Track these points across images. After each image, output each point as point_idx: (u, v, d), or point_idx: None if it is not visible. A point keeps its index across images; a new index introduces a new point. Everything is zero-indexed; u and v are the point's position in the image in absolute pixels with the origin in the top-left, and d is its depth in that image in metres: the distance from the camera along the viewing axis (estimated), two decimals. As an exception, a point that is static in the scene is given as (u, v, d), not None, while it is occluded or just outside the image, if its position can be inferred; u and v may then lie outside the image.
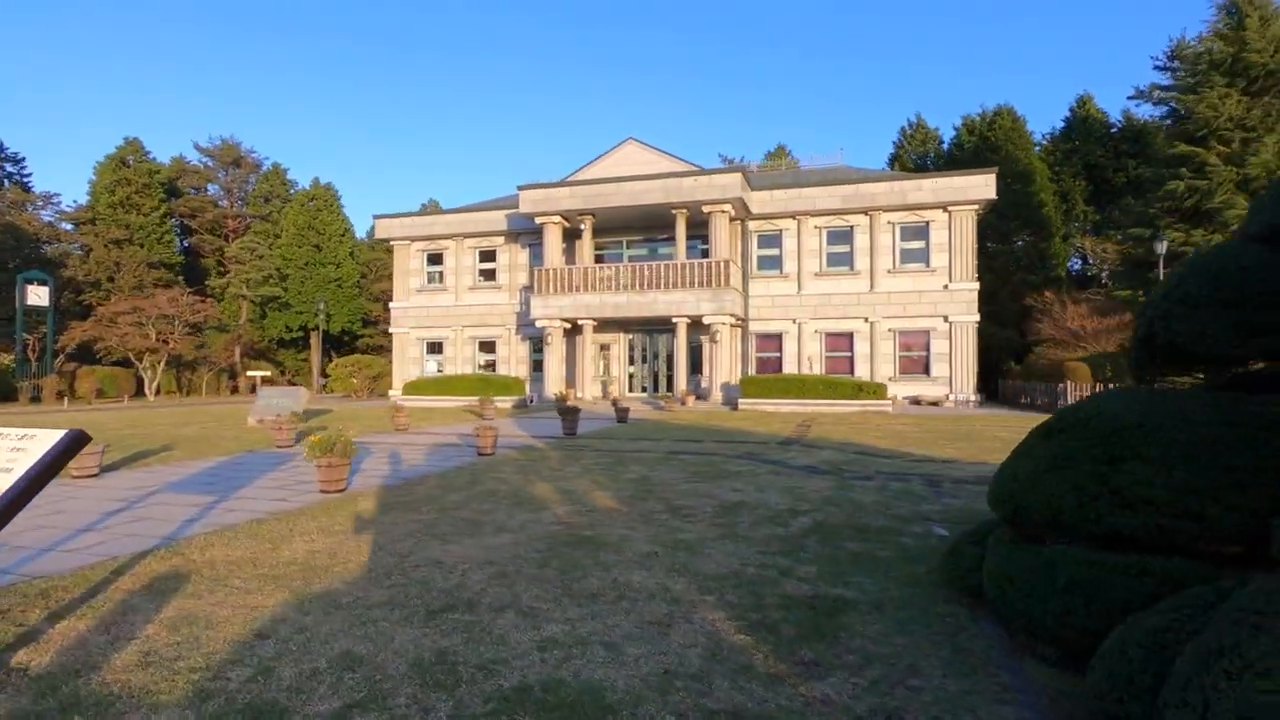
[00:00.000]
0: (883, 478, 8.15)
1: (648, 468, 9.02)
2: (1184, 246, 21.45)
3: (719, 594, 3.99)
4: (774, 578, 4.32)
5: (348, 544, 5.12)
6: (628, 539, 5.26)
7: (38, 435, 3.34)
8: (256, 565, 4.58)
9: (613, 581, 4.20)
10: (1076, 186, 35.77)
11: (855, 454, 10.51)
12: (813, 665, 3.08)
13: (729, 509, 6.36)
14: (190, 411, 22.41)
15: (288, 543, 5.18)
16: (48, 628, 3.48)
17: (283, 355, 48.78)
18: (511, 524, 5.77)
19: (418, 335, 30.44)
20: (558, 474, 8.55)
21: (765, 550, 4.96)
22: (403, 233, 30.36)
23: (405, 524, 5.78)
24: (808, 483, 7.79)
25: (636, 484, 7.76)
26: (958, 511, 6.27)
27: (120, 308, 31.01)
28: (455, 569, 4.46)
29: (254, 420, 16.04)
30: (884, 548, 5.06)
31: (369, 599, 3.88)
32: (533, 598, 3.91)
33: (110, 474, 8.65)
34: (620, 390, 27.29)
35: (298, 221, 46.59)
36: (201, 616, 3.62)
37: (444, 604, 3.79)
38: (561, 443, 12.26)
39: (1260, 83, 21.20)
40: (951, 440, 12.53)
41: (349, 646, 3.22)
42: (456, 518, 6.02)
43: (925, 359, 24.33)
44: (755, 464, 9.36)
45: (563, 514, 6.18)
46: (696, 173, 23.87)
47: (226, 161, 52.79)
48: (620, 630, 3.44)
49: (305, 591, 4.02)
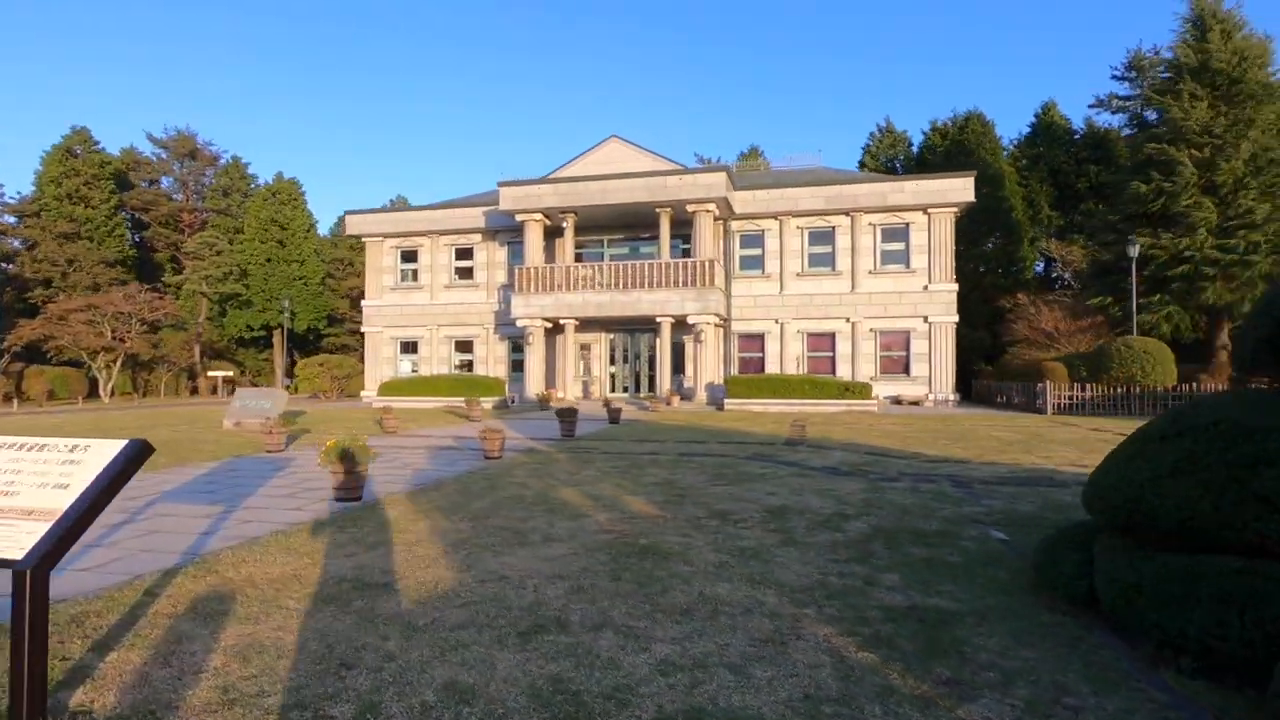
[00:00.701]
0: (909, 479, 8.09)
1: (666, 470, 8.81)
2: (1152, 250, 22.18)
3: (815, 606, 3.81)
4: (860, 587, 4.16)
5: (394, 557, 4.79)
6: (690, 547, 5.04)
7: (91, 446, 2.97)
8: (303, 583, 4.23)
9: (699, 595, 3.99)
10: (1042, 191, 36.74)
11: (867, 455, 10.47)
12: (954, 684, 2.91)
13: (775, 514, 6.19)
14: (154, 414, 21.38)
15: (327, 557, 4.83)
16: (97, 661, 3.11)
17: (242, 355, 47.14)
18: (558, 533, 5.50)
19: (391, 334, 29.65)
20: (577, 478, 8.28)
21: (835, 558, 4.80)
22: (376, 229, 29.54)
23: (445, 534, 5.46)
24: (838, 485, 7.68)
25: (663, 488, 7.55)
26: (1002, 514, 6.22)
27: (73, 305, 29.51)
28: (525, 584, 4.18)
29: (230, 423, 15.34)
30: (950, 552, 4.95)
31: (446, 619, 3.59)
32: (623, 615, 3.66)
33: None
34: (601, 390, 27.02)
35: (260, 216, 45.03)
36: (268, 644, 3.29)
37: (531, 624, 3.52)
38: (564, 445, 11.97)
39: (1224, 90, 22.01)
40: (952, 440, 12.61)
41: (451, 675, 2.94)
42: (495, 526, 5.72)
43: (905, 359, 24.65)
44: (773, 466, 9.22)
45: (605, 521, 5.93)
46: (681, 171, 23.75)
47: (181, 153, 50.79)
48: (735, 649, 3.22)
49: (373, 612, 3.70)
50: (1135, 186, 22.32)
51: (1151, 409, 19.31)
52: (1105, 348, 20.10)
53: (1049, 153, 37.87)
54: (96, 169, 43.64)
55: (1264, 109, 21.41)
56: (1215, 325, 23.26)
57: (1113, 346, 19.85)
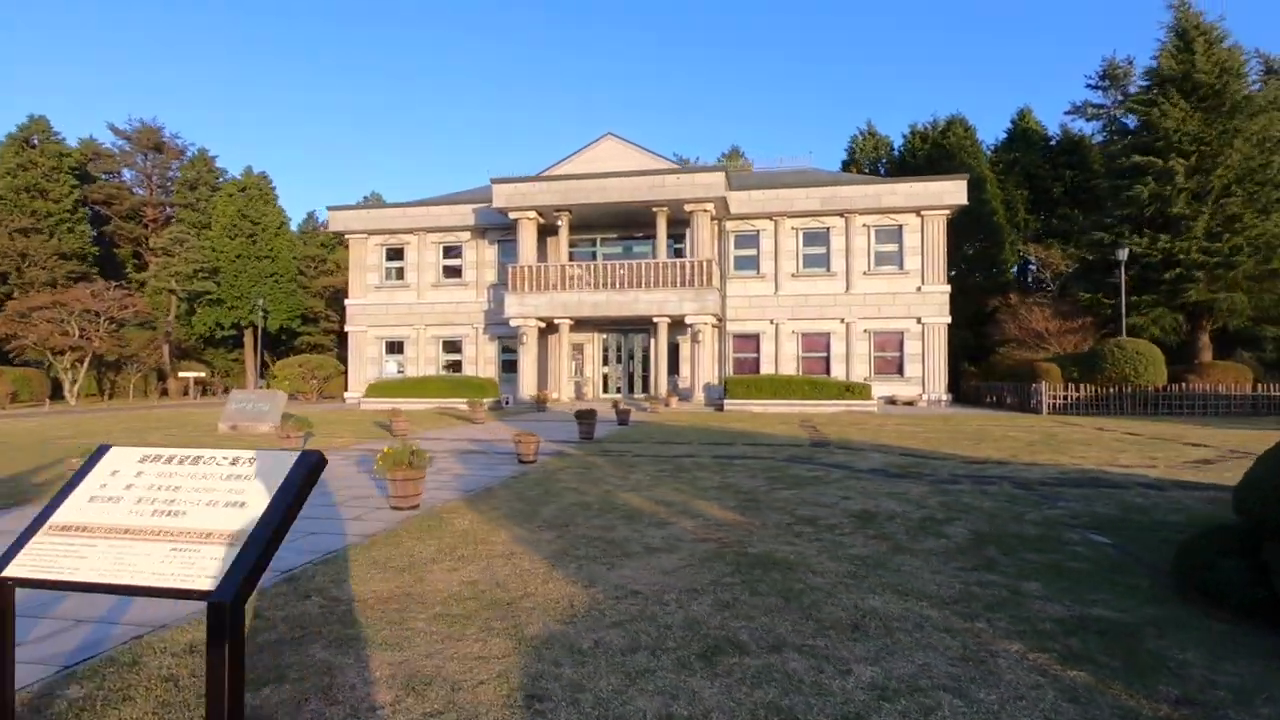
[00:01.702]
0: (967, 481, 8.02)
1: (715, 474, 8.61)
2: (1146, 252, 22.73)
3: (984, 620, 3.64)
4: (1010, 597, 4.00)
5: (500, 573, 4.50)
6: (804, 556, 4.85)
7: (256, 459, 2.65)
8: (421, 601, 3.92)
9: (854, 608, 3.79)
10: (1019, 195, 37.49)
11: (903, 456, 10.41)
12: (1190, 704, 2.76)
13: (862, 519, 6.03)
14: (134, 416, 20.41)
15: (426, 571, 4.51)
16: (252, 698, 2.78)
17: (210, 355, 45.50)
18: (654, 542, 5.26)
19: (376, 334, 28.88)
20: (629, 483, 8.02)
21: (961, 566, 4.65)
22: (360, 226, 28.74)
23: (536, 545, 5.17)
24: (901, 488, 7.57)
25: (726, 492, 7.34)
26: (1086, 516, 6.15)
27: (36, 302, 28.08)
28: (664, 600, 3.93)
29: (226, 426, 14.67)
30: (1067, 558, 4.84)
31: (609, 642, 3.33)
32: (791, 633, 3.45)
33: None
34: (594, 392, 26.71)
35: (229, 211, 43.52)
36: (430, 674, 2.99)
37: (704, 645, 3.28)
38: (588, 447, 11.68)
39: (1209, 101, 22.69)
40: (973, 441, 12.65)
41: (661, 708, 2.69)
42: (582, 536, 5.45)
43: (899, 359, 24.86)
44: (820, 468, 9.09)
45: (695, 529, 5.70)
46: (680, 170, 23.58)
47: (145, 145, 48.90)
48: (938, 669, 3.03)
49: (522, 634, 3.42)
50: (1138, 190, 22.80)
51: (1143, 408, 19.79)
52: (1099, 349, 20.53)
53: (1025, 158, 38.66)
54: (56, 160, 41.70)
55: (1248, 121, 22.12)
56: (1196, 326, 23.97)
57: (1106, 348, 20.29)
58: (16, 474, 8.77)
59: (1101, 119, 39.17)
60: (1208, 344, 23.46)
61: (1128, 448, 11.42)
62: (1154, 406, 19.74)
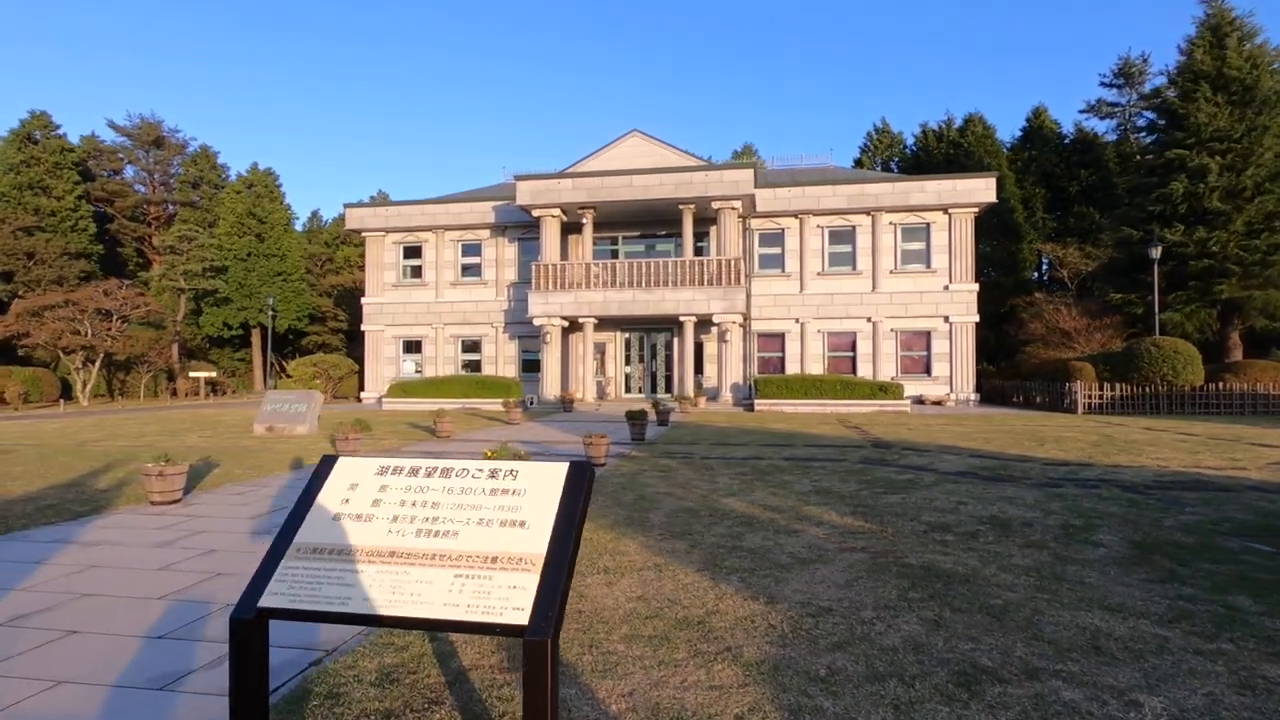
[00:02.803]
0: (1069, 485, 7.75)
1: (803, 477, 8.32)
2: (1179, 248, 22.53)
3: (1227, 640, 3.36)
4: (1227, 614, 3.72)
5: (663, 585, 4.20)
6: (970, 568, 4.56)
7: (519, 471, 2.35)
8: (600, 620, 3.62)
9: (1076, 627, 3.50)
10: (1037, 194, 37.38)
11: (973, 457, 10.15)
12: None
13: (997, 526, 5.75)
14: (155, 417, 20.00)
15: (579, 583, 4.21)
16: (494, 739, 2.48)
17: (216, 355, 45.01)
18: (798, 552, 4.97)
19: (393, 333, 28.51)
20: (720, 486, 7.73)
21: (1145, 578, 4.36)
22: (376, 224, 28.36)
23: (672, 554, 4.88)
24: (1009, 491, 7.29)
25: (830, 497, 7.05)
26: (1227, 522, 5.88)
27: (48, 300, 27.56)
28: (861, 617, 3.64)
29: (262, 428, 14.31)
30: (1246, 569, 4.57)
31: (843, 668, 3.04)
32: (1033, 655, 3.16)
33: (193, 497, 7.22)
34: (616, 391, 26.41)
35: (236, 209, 43.04)
36: (674, 708, 2.69)
37: (951, 672, 3.00)
38: (650, 449, 11.37)
39: (1239, 96, 22.54)
40: (1034, 441, 12.39)
41: (965, 748, 2.40)
42: (716, 545, 5.15)
43: (926, 359, 24.64)
44: (905, 470, 8.81)
45: (830, 537, 5.42)
46: (708, 167, 23.30)
47: (146, 141, 48.41)
48: (1231, 700, 2.75)
49: (742, 658, 3.13)
50: (1173, 187, 22.59)
51: (1180, 408, 19.61)
52: (1134, 348, 20.33)
53: (1041, 156, 38.57)
54: (58, 156, 41.18)
55: (1278, 118, 21.99)
56: (1226, 325, 23.82)
57: (1142, 347, 20.09)
58: (73, 480, 8.42)
59: (1117, 117, 39.12)
60: (1238, 343, 23.31)
61: (1197, 449, 11.18)
62: (1191, 406, 19.56)
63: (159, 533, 5.68)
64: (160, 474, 6.65)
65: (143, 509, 6.64)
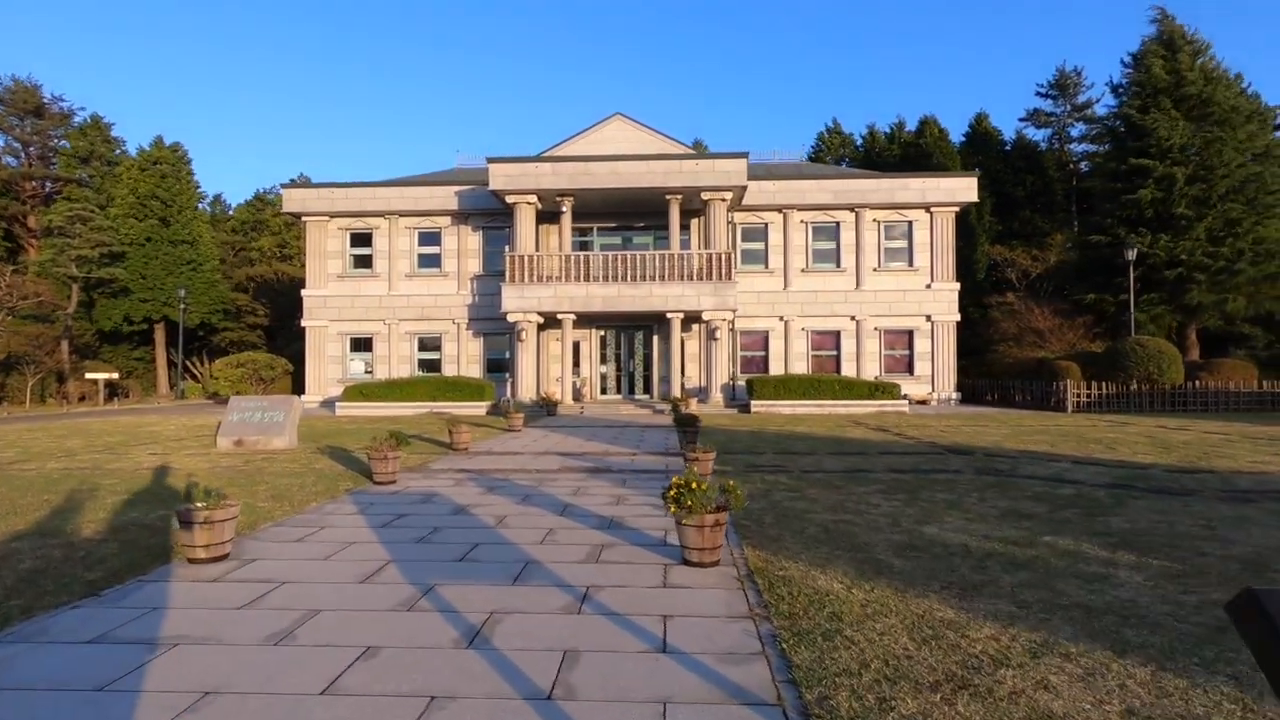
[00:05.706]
0: (1208, 493, 7.03)
1: (966, 495, 7.22)
2: (1149, 251, 23.32)
3: None
4: None
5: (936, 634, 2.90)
6: None
7: None
8: (907, 677, 2.29)
9: None
10: (984, 198, 38.43)
11: (1090, 465, 9.41)
12: None
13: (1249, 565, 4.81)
14: (69, 428, 16.76)
15: (857, 634, 2.85)
16: None
17: (109, 353, 39.76)
18: (1138, 608, 3.79)
19: (339, 329, 25.70)
20: (880, 509, 6.51)
21: None
22: (320, 207, 25.46)
23: (932, 602, 3.59)
24: (1231, 510, 6.46)
25: (1042, 522, 5.96)
26: None
27: (-92, 288, 23.02)
28: None
29: (228, 441, 11.94)
30: None
31: None
32: None
33: (238, 545, 5.27)
34: (592, 392, 24.81)
35: (137, 188, 38.15)
36: None
37: None
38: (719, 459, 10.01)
39: (1198, 110, 23.58)
40: (1079, 442, 11.93)
41: None
42: (999, 593, 3.90)
43: (909, 358, 24.46)
44: (1058, 485, 7.88)
45: (1146, 584, 4.29)
46: (699, 155, 22.13)
47: (21, 108, 42.51)
48: None
49: None
50: (1143, 194, 23.35)
51: (1163, 406, 20.13)
52: (1119, 347, 20.76)
53: (985, 161, 39.74)
54: (-89, 122, 35.17)
55: (1235, 130, 23.12)
56: (1185, 324, 24.95)
57: (1127, 346, 20.53)
58: (37, 526, 6.20)
59: (1053, 126, 40.90)
60: (1195, 342, 24.45)
61: (1226, 446, 10.94)
62: (1172, 404, 20.12)
63: (254, 617, 3.84)
64: (207, 520, 4.74)
65: (182, 568, 4.72)
